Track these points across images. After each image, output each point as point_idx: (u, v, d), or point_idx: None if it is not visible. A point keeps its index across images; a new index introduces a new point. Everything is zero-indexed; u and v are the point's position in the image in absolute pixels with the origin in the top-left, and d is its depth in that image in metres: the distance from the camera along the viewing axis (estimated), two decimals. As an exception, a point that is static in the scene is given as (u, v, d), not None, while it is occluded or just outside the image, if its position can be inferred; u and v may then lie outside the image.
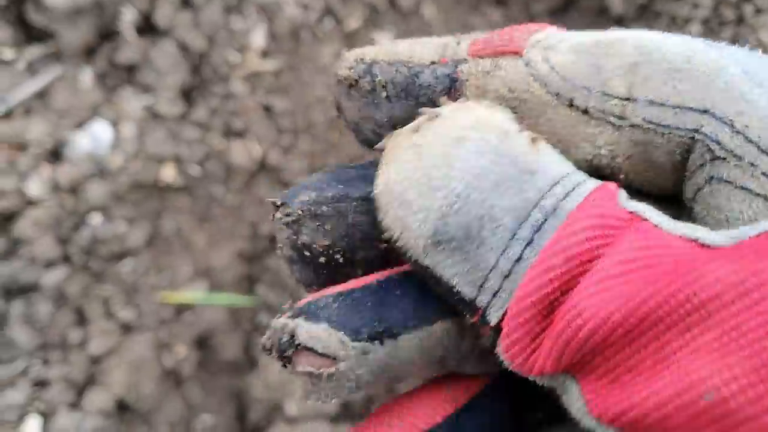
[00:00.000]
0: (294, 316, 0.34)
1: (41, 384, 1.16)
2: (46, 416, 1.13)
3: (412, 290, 0.34)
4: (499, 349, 0.31)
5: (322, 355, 0.33)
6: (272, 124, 1.30)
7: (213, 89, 1.26)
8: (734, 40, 1.12)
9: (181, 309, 1.30)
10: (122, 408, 1.20)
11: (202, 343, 1.39)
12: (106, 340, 1.19)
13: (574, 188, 0.30)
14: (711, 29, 1.13)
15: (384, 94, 0.36)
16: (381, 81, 0.36)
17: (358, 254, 0.36)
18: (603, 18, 1.30)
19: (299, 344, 0.33)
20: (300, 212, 0.36)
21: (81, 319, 1.21)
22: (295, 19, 1.27)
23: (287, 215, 0.36)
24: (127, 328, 1.23)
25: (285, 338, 0.33)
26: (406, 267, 0.35)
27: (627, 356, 0.27)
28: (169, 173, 1.23)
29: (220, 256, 1.35)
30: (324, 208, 0.36)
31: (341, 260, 0.36)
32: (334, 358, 0.33)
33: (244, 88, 1.26)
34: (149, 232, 1.26)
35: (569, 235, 0.28)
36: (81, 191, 1.19)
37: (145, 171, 1.21)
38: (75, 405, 1.15)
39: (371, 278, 0.35)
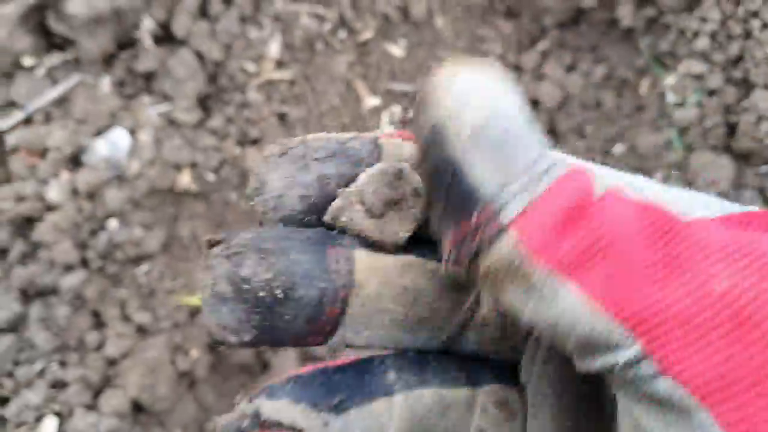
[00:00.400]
0: (251, 401, 0.36)
1: (58, 385, 1.18)
2: (63, 417, 1.16)
3: (351, 374, 0.38)
4: (508, 239, 0.32)
5: (288, 428, 0.34)
6: (286, 132, 1.32)
7: (229, 98, 1.29)
8: (741, 55, 1.15)
9: (195, 312, 1.33)
10: (137, 409, 1.22)
11: (215, 348, 1.42)
12: (122, 342, 1.21)
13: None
14: (719, 43, 1.15)
15: (314, 156, 0.39)
16: (313, 147, 0.40)
17: (297, 291, 0.37)
18: (612, 31, 1.32)
19: (264, 420, 0.34)
20: (243, 246, 0.36)
21: (98, 322, 1.23)
22: (309, 30, 1.29)
23: (228, 248, 0.36)
24: (142, 331, 1.25)
25: (247, 421, 0.34)
26: (342, 360, 0.38)
27: (642, 259, 0.30)
28: (185, 179, 1.26)
29: (233, 261, 1.37)
30: (268, 244, 0.37)
31: (281, 295, 0.36)
32: (300, 431, 0.34)
33: (260, 97, 1.28)
34: (165, 237, 1.28)
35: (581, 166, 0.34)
36: (99, 197, 1.21)
37: (161, 177, 1.24)
38: (91, 406, 1.17)
39: (312, 368, 0.38)
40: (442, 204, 0.36)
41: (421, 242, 0.41)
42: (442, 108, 0.35)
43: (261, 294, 0.36)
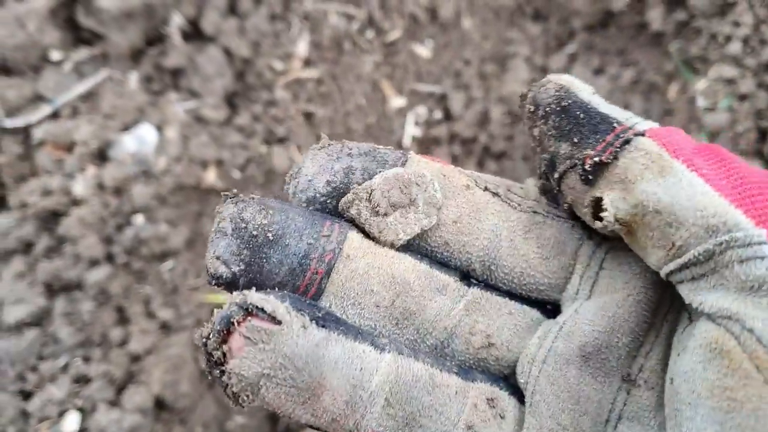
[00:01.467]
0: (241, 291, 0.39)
1: (82, 380, 1.17)
2: (86, 412, 1.15)
3: (343, 321, 0.43)
4: (650, 141, 0.40)
5: (269, 318, 0.37)
6: (312, 131, 1.32)
7: (256, 96, 1.29)
8: (774, 59, 1.14)
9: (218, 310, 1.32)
10: (159, 406, 1.21)
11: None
12: (145, 338, 1.21)
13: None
14: (752, 48, 1.15)
15: (348, 152, 0.46)
16: (349, 146, 0.46)
17: (286, 239, 0.43)
18: (641, 34, 1.32)
19: (249, 306, 0.37)
20: (250, 199, 0.43)
21: (122, 318, 1.23)
22: (338, 29, 1.29)
23: (237, 198, 0.43)
24: (166, 328, 1.24)
25: (233, 309, 0.37)
26: None
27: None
28: (211, 176, 1.25)
29: (256, 259, 1.37)
30: (271, 202, 0.43)
31: (271, 237, 0.42)
32: (279, 323, 0.37)
33: (287, 96, 1.28)
34: (190, 233, 1.28)
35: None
36: (125, 192, 1.21)
37: (187, 174, 1.23)
38: (114, 402, 1.16)
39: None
40: (573, 136, 0.42)
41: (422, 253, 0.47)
42: (562, 80, 0.43)
43: (254, 233, 0.42)
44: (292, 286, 0.43)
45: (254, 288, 0.40)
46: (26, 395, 1.17)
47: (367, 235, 0.45)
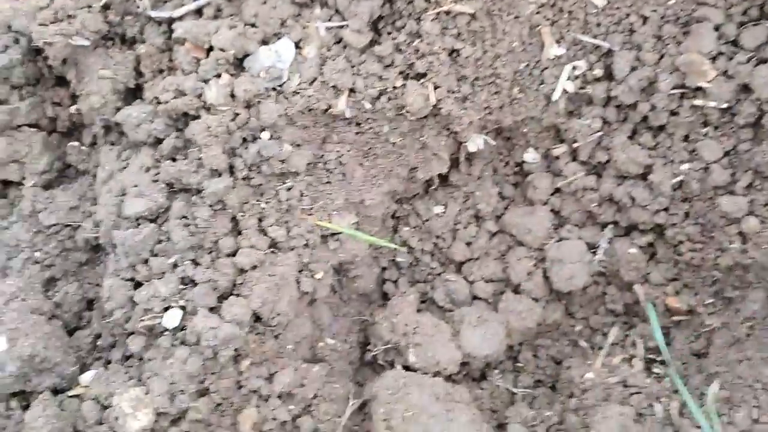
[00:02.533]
0: None
1: (188, 282, 1.21)
2: (186, 314, 1.19)
3: None
4: None
5: None
6: (454, 71, 1.22)
7: (402, 24, 1.20)
8: None
9: (327, 236, 1.31)
10: (256, 320, 1.24)
11: (340, 271, 1.41)
12: (253, 254, 1.21)
13: None
14: None
15: None
16: None
17: None
18: None
19: None
20: None
21: (234, 229, 1.24)
22: (505, -39, 1.15)
23: None
24: (274, 246, 1.25)
25: None
26: None
27: None
28: (341, 103, 1.20)
29: (373, 192, 1.33)
30: None
31: None
32: None
33: (435, 28, 1.18)
34: (311, 157, 1.25)
35: None
36: (255, 107, 1.18)
37: (319, 98, 1.19)
38: (214, 309, 1.19)
39: None
40: None
41: None
42: None
43: None
44: None
45: None
46: (136, 285, 1.22)
47: None
